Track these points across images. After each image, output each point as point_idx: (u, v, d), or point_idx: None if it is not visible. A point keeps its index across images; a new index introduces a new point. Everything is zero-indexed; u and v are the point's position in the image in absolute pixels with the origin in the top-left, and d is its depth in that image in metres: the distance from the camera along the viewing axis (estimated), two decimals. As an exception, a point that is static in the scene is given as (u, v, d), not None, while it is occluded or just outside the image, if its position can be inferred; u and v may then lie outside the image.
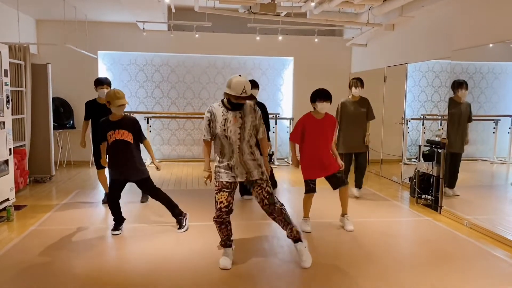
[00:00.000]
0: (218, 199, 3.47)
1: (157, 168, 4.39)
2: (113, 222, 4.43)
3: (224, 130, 3.41)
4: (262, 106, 5.49)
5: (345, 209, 4.68)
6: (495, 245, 4.19)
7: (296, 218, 4.93)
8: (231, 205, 3.50)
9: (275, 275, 3.45)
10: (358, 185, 6.06)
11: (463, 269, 3.60)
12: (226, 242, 3.65)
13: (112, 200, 4.37)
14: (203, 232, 4.44)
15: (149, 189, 4.47)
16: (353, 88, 5.86)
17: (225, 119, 3.42)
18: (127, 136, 4.26)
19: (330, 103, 4.38)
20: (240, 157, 3.46)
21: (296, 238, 3.62)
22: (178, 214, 4.50)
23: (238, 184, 3.59)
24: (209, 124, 3.51)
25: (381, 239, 4.33)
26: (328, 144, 4.45)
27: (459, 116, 5.41)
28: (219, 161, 3.54)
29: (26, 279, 3.32)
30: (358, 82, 5.86)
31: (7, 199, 5.13)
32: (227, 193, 3.46)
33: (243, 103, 3.47)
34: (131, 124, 4.31)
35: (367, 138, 5.95)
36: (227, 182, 3.47)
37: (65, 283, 3.25)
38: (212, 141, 3.61)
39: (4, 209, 4.95)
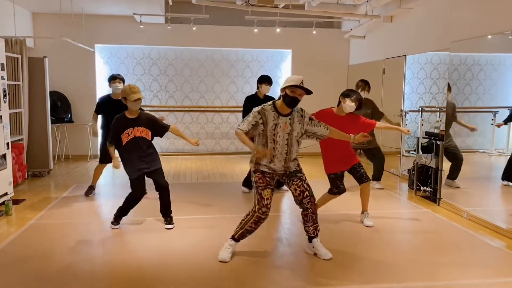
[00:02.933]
0: (265, 195, 3.47)
1: (196, 143, 4.61)
2: (113, 216, 4.36)
3: (274, 134, 3.44)
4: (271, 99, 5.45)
5: (365, 205, 4.58)
6: (493, 236, 4.21)
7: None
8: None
9: (276, 266, 3.47)
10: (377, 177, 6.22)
11: (462, 260, 3.62)
12: (242, 238, 3.62)
13: (136, 199, 4.29)
14: (202, 225, 4.46)
15: (164, 179, 4.42)
16: (363, 92, 5.83)
17: (276, 124, 3.44)
18: (146, 133, 4.29)
19: (360, 107, 4.27)
20: (281, 160, 3.50)
21: (315, 236, 3.66)
22: (169, 214, 4.46)
23: None
24: (254, 124, 3.45)
25: (379, 230, 4.34)
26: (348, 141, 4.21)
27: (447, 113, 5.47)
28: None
29: (25, 273, 3.32)
30: (366, 86, 5.92)
31: (6, 194, 5.12)
32: (271, 190, 3.52)
33: (297, 97, 3.40)
34: (148, 122, 4.33)
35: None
36: (269, 178, 3.50)
37: (64, 277, 3.26)
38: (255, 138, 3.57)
39: (3, 203, 4.95)
